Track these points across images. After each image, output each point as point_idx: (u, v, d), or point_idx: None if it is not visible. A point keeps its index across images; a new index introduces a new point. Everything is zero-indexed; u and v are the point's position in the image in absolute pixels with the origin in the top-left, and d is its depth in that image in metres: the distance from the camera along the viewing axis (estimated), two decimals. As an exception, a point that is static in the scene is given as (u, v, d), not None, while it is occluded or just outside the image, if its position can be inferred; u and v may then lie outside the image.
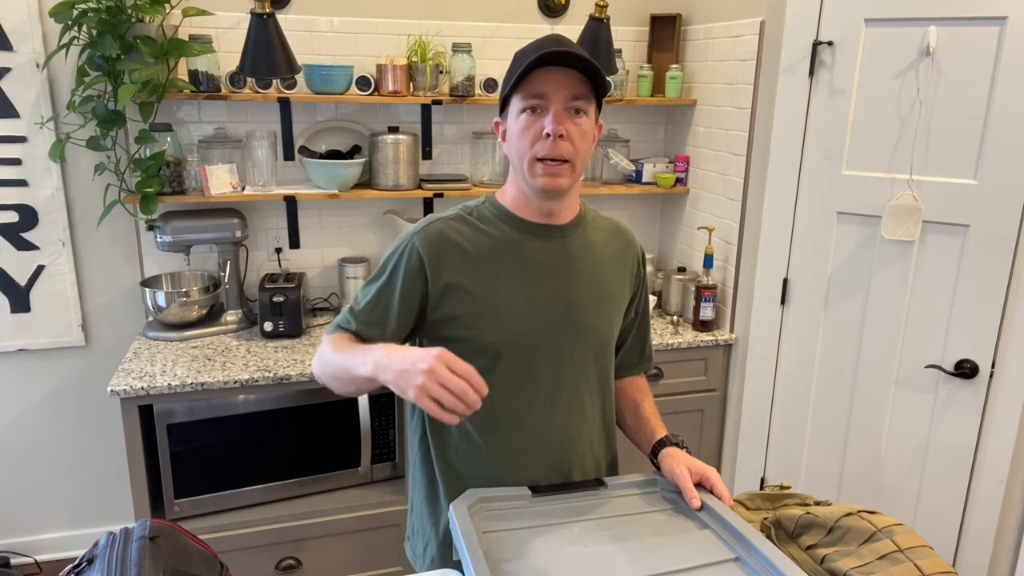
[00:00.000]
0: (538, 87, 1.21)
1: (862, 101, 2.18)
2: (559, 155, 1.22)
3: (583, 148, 1.24)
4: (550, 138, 1.21)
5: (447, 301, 1.29)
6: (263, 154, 2.50)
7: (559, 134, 1.20)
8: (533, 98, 1.21)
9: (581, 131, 1.23)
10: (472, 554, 1.08)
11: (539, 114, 1.22)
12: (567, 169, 1.24)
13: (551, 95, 1.20)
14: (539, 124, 1.22)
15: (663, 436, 1.37)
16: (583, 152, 1.25)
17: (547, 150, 1.22)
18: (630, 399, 1.49)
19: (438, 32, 2.68)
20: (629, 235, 1.45)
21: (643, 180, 2.87)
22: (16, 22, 2.34)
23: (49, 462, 2.73)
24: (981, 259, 2.06)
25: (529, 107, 1.22)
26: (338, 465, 2.37)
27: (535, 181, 1.25)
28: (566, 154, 1.22)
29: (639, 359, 1.52)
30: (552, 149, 1.21)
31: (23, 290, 2.54)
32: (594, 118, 1.27)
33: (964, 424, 2.17)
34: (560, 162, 1.23)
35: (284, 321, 2.46)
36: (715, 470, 1.29)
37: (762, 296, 2.45)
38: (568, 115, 1.22)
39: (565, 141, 1.22)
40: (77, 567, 1.01)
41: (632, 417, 1.47)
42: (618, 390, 1.50)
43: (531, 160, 1.24)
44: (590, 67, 1.20)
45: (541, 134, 1.21)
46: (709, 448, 2.73)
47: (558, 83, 1.20)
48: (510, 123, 1.26)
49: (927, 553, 1.15)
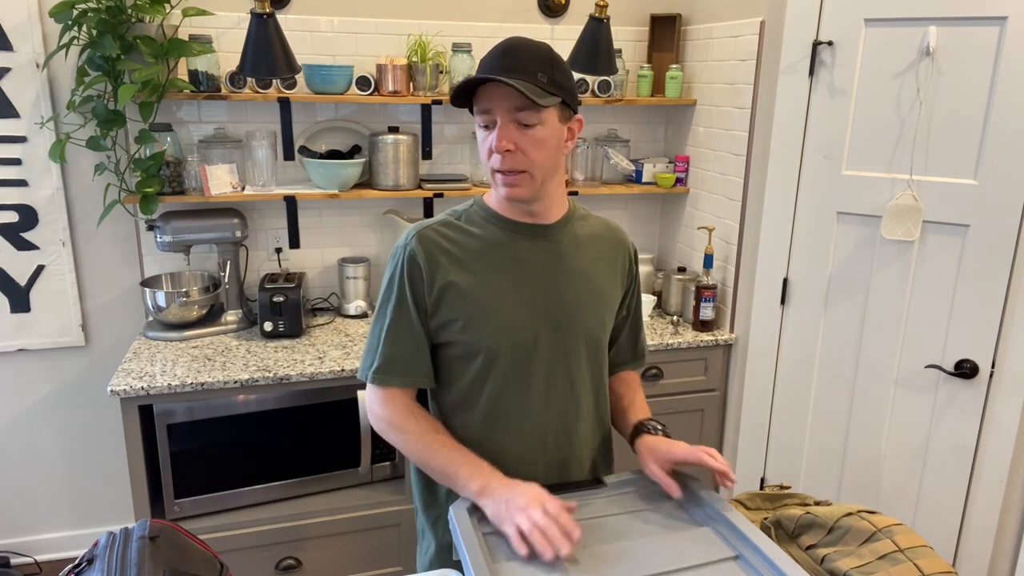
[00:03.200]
0: (484, 102, 1.22)
1: (862, 101, 2.18)
2: (510, 168, 1.23)
3: (539, 156, 1.23)
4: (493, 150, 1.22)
5: (442, 305, 1.29)
6: (263, 154, 2.50)
7: (505, 149, 1.21)
8: (482, 113, 1.23)
9: (533, 140, 1.22)
10: (472, 554, 1.08)
11: (491, 128, 1.23)
12: (525, 179, 1.25)
13: (495, 109, 1.21)
14: (491, 138, 1.23)
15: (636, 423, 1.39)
16: (541, 160, 1.24)
17: (498, 164, 1.23)
18: (614, 391, 1.51)
19: (438, 32, 2.68)
20: (620, 233, 1.46)
21: (643, 180, 2.87)
22: (16, 22, 2.34)
23: (49, 462, 2.73)
24: (981, 259, 2.06)
25: (482, 123, 1.24)
26: (338, 465, 2.37)
27: (498, 190, 1.28)
28: (519, 166, 1.23)
29: (631, 357, 1.53)
30: (502, 163, 1.23)
31: (23, 290, 2.54)
32: (557, 120, 1.24)
33: (964, 424, 2.17)
34: (515, 173, 1.24)
35: (284, 321, 2.46)
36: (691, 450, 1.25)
37: (762, 296, 2.45)
38: (516, 127, 1.21)
39: (516, 153, 1.22)
40: (77, 567, 1.01)
41: (614, 409, 1.49)
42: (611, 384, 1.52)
43: (491, 171, 1.26)
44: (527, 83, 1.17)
45: (492, 147, 1.23)
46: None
47: (500, 97, 1.20)
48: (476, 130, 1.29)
49: (927, 553, 1.15)
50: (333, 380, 2.24)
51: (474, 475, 1.22)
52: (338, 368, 2.22)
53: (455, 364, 1.33)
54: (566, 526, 1.11)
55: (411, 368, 1.32)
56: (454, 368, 1.33)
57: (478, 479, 1.21)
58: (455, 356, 1.32)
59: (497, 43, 1.25)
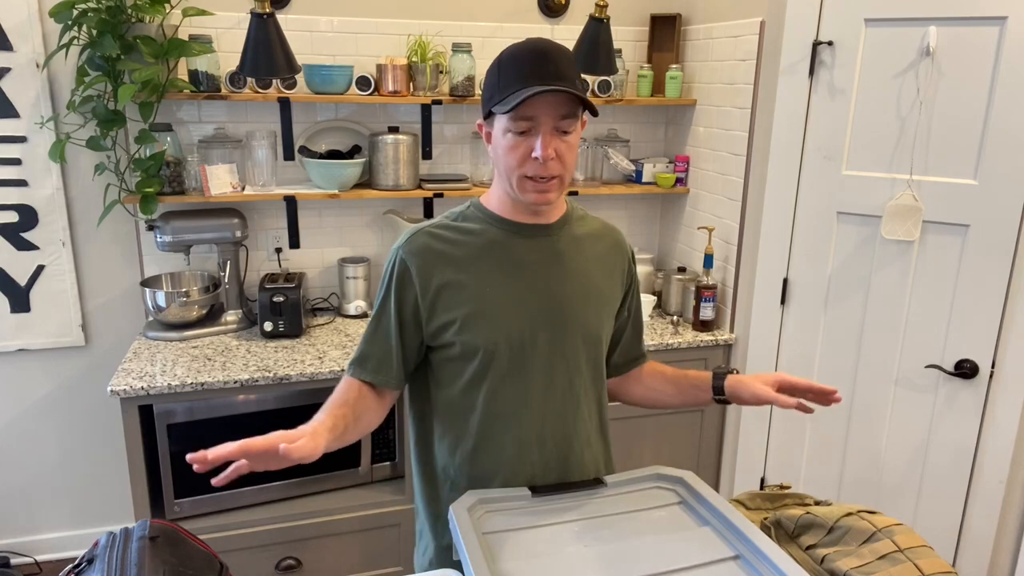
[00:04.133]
0: (527, 111, 1.19)
1: (862, 101, 2.18)
2: (549, 175, 1.23)
3: (571, 161, 1.25)
4: (540, 159, 1.21)
5: (439, 308, 1.30)
6: (263, 154, 2.50)
7: (550, 157, 1.21)
8: (522, 120, 1.20)
9: (569, 146, 1.23)
10: (472, 554, 1.08)
11: (527, 135, 1.21)
12: (556, 184, 1.25)
13: (540, 117, 1.19)
14: (527, 144, 1.21)
15: (714, 372, 1.43)
16: (571, 164, 1.26)
17: (537, 170, 1.22)
18: (655, 374, 1.54)
19: (438, 32, 2.68)
20: (617, 234, 1.46)
21: (643, 180, 2.87)
22: (16, 22, 2.34)
23: (49, 462, 2.73)
24: (981, 259, 2.06)
25: (518, 129, 1.21)
26: (338, 465, 2.37)
27: (524, 196, 1.26)
28: (555, 172, 1.23)
29: (636, 356, 1.55)
30: (543, 170, 1.22)
31: (23, 290, 2.54)
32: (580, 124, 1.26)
33: (964, 424, 2.17)
34: (549, 179, 1.24)
35: (284, 321, 2.46)
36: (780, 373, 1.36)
37: (762, 296, 2.45)
38: (556, 134, 1.21)
39: (555, 160, 1.22)
40: (77, 567, 1.01)
41: (668, 383, 1.51)
42: (637, 379, 1.54)
43: (520, 177, 1.24)
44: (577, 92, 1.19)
45: (530, 155, 1.21)
46: (709, 448, 2.73)
47: (547, 105, 1.19)
48: (496, 135, 1.26)
49: (927, 553, 1.15)
50: (333, 380, 2.24)
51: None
52: (338, 368, 2.22)
53: (454, 364, 1.33)
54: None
55: (381, 367, 1.33)
56: (452, 369, 1.33)
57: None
58: (454, 356, 1.32)
59: (525, 44, 1.22)
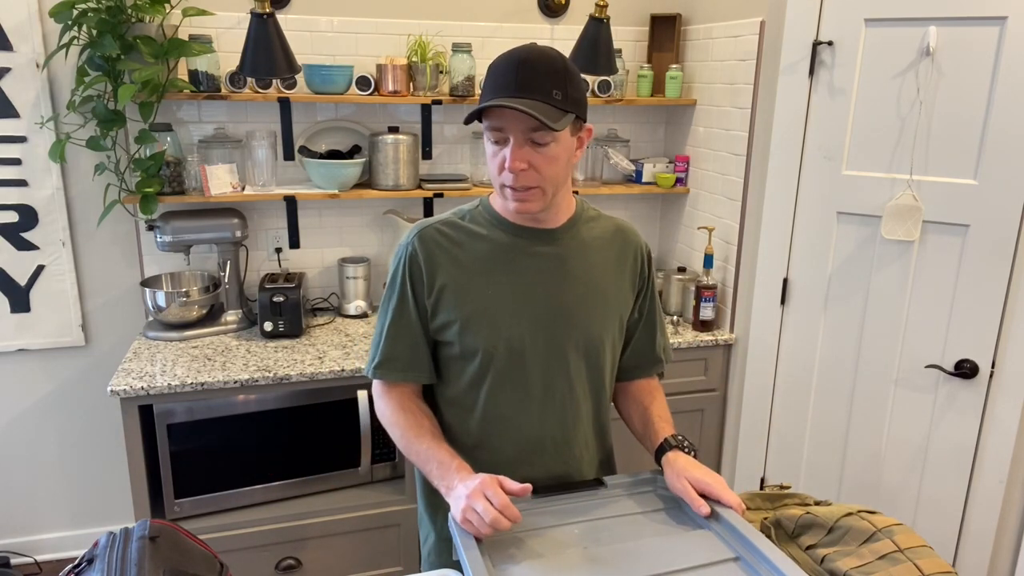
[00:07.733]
0: (496, 121, 1.20)
1: (862, 101, 2.18)
2: (523, 185, 1.23)
3: (551, 172, 1.23)
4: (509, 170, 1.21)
5: (441, 306, 1.30)
6: (263, 154, 2.50)
7: (519, 168, 1.20)
8: (494, 130, 1.21)
9: (547, 158, 1.21)
10: (471, 555, 1.08)
11: (502, 144, 1.22)
12: (536, 194, 1.24)
13: (508, 128, 1.19)
14: (502, 154, 1.22)
15: (664, 439, 1.33)
16: (553, 175, 1.24)
17: (511, 181, 1.23)
18: (638, 401, 1.45)
19: (438, 32, 2.68)
20: (632, 234, 1.43)
21: (643, 180, 2.87)
22: (16, 22, 2.34)
23: (49, 462, 2.73)
24: (981, 259, 2.06)
25: (492, 139, 1.22)
26: (338, 465, 2.37)
27: (508, 203, 1.27)
28: (531, 183, 1.23)
29: (649, 360, 1.48)
30: (515, 181, 1.22)
31: (23, 290, 2.54)
32: (568, 134, 1.24)
33: (964, 424, 2.16)
34: (527, 189, 1.23)
35: (284, 321, 2.46)
36: (720, 478, 1.24)
37: (762, 296, 2.45)
38: (530, 146, 1.20)
39: (529, 171, 1.21)
40: (77, 567, 1.01)
41: (639, 421, 1.43)
42: (627, 392, 1.48)
43: (500, 185, 1.26)
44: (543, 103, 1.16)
45: (504, 164, 1.22)
46: (709, 448, 2.73)
47: (514, 118, 1.18)
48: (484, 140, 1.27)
49: (927, 553, 1.15)
50: (333, 380, 2.24)
51: (443, 475, 1.23)
52: (338, 368, 2.22)
53: (454, 364, 1.33)
54: (502, 508, 1.11)
55: (411, 364, 1.33)
56: (453, 367, 1.34)
57: (445, 481, 1.22)
58: (454, 356, 1.32)
59: (509, 52, 1.21)
